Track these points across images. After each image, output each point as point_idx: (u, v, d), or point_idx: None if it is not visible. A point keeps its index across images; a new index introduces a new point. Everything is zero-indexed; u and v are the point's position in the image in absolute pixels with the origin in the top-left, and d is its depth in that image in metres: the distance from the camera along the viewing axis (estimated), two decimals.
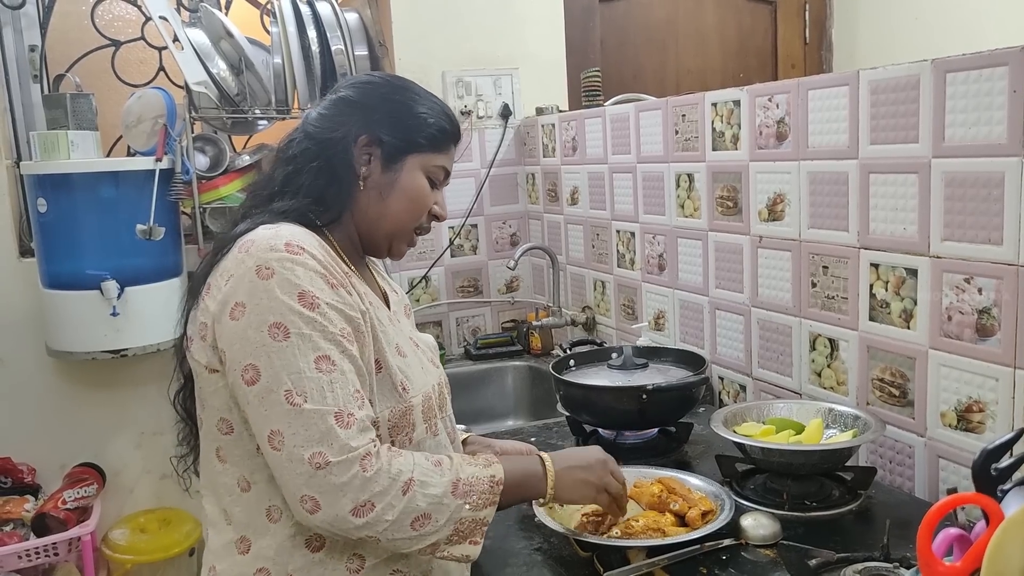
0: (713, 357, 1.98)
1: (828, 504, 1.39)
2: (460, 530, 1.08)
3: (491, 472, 1.13)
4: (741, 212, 1.83)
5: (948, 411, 1.40)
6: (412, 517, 1.04)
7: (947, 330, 1.39)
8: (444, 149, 1.22)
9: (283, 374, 1.02)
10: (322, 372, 1.03)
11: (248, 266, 1.06)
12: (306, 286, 1.05)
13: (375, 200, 1.19)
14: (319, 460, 1.00)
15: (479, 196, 2.77)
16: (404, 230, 1.23)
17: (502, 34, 2.75)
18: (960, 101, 1.32)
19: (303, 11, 2.25)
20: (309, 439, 1.01)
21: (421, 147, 1.19)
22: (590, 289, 2.54)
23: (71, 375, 2.40)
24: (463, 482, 1.09)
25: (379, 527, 1.03)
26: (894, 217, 1.46)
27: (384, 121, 1.19)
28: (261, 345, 1.03)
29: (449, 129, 1.22)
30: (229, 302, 1.06)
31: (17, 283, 2.33)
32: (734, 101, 1.81)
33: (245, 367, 1.04)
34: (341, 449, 1.01)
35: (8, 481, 2.35)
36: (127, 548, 2.35)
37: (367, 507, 1.02)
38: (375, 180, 1.19)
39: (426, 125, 1.19)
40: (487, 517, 1.10)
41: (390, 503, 1.03)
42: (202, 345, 1.10)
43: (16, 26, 2.44)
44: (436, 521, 1.06)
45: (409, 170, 1.19)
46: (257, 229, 1.11)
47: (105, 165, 2.18)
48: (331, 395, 1.03)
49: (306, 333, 1.03)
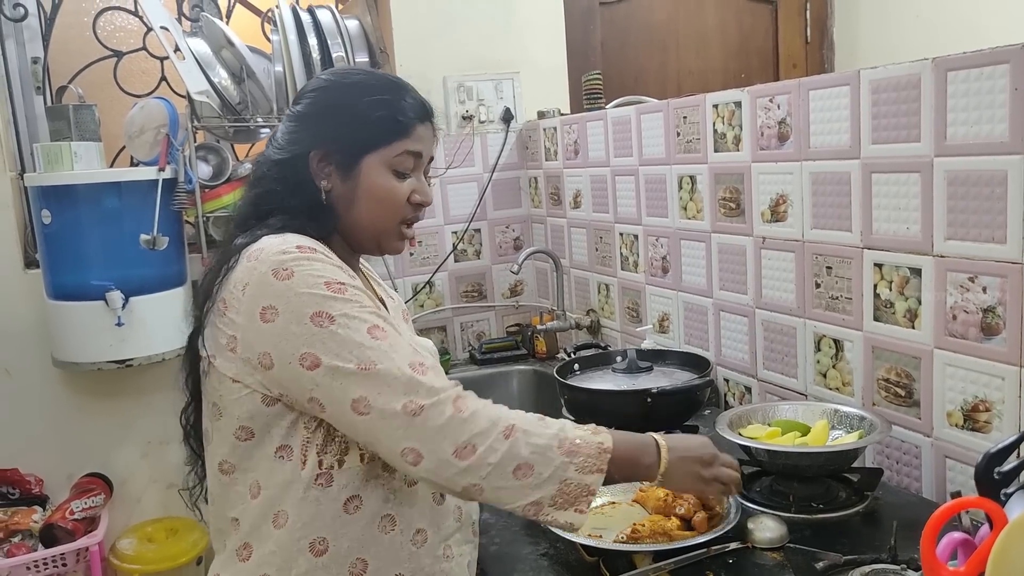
0: (718, 359, 1.97)
1: (835, 506, 1.38)
2: (565, 491, 1.04)
3: (599, 439, 1.08)
4: (744, 213, 1.83)
5: (954, 411, 1.40)
6: (515, 464, 1.02)
7: (952, 329, 1.38)
8: (403, 136, 1.16)
9: (344, 352, 1.03)
10: (378, 339, 1.04)
11: (262, 271, 1.06)
12: (329, 275, 1.07)
13: (345, 210, 1.18)
14: (412, 407, 1.01)
15: (482, 201, 2.77)
16: (385, 230, 1.20)
17: (503, 38, 2.75)
18: (961, 100, 1.31)
19: (304, 19, 2.26)
20: (395, 392, 1.01)
21: (374, 145, 1.16)
22: (594, 292, 2.53)
23: (77, 386, 2.40)
24: (569, 440, 1.05)
25: (482, 471, 1.01)
26: (897, 217, 1.46)
27: (330, 131, 1.17)
28: (311, 335, 1.03)
29: (403, 118, 1.16)
30: (255, 309, 1.06)
31: (22, 295, 2.34)
32: (735, 102, 1.81)
33: (302, 356, 1.04)
34: (429, 392, 1.02)
35: (16, 492, 2.35)
36: (135, 558, 2.35)
37: (468, 449, 1.00)
38: (338, 192, 1.18)
39: (372, 122, 1.15)
40: (593, 484, 1.05)
41: (491, 446, 1.01)
42: (231, 357, 1.09)
43: (19, 38, 2.45)
44: (539, 474, 1.02)
45: (368, 172, 1.16)
46: (261, 239, 1.12)
47: (108, 176, 2.18)
48: (396, 354, 1.04)
49: (348, 312, 1.05)
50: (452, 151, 2.70)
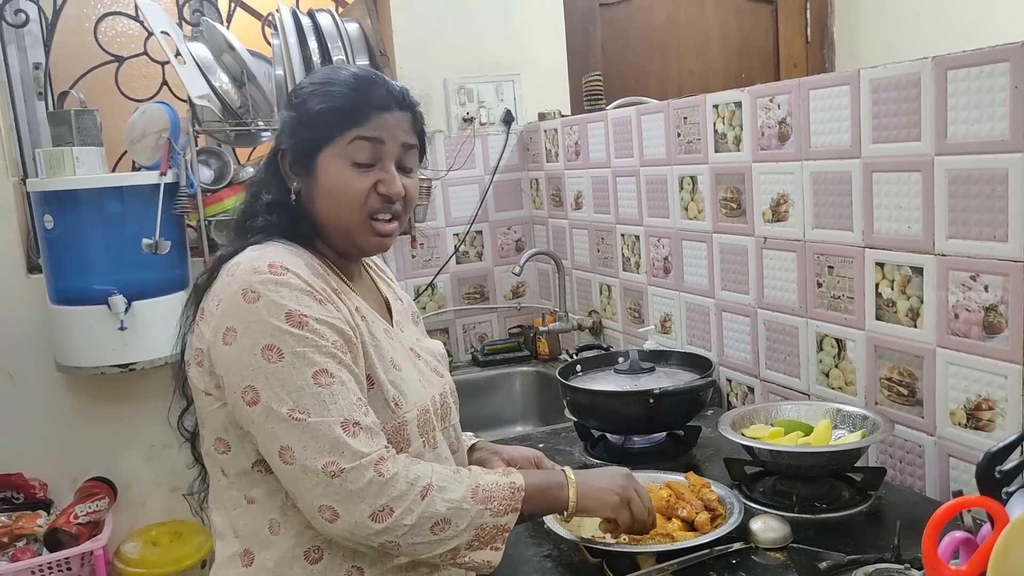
0: (720, 359, 1.97)
1: (838, 505, 1.38)
2: (481, 536, 1.07)
3: (511, 479, 1.12)
4: (745, 213, 1.83)
5: (957, 409, 1.39)
6: (432, 522, 1.04)
7: (954, 328, 1.38)
8: (351, 125, 1.12)
9: (283, 394, 1.02)
10: (321, 386, 1.03)
11: (234, 290, 1.06)
12: (292, 305, 1.05)
13: (313, 209, 1.17)
14: (333, 468, 1.00)
15: (483, 202, 2.77)
16: (352, 225, 1.15)
17: (503, 40, 2.75)
18: (962, 98, 1.31)
19: (304, 22, 2.26)
20: (320, 449, 1.01)
21: (323, 139, 1.13)
22: (596, 293, 2.53)
23: (81, 390, 2.41)
24: (482, 488, 1.09)
25: (398, 532, 1.02)
26: (898, 216, 1.46)
27: (287, 131, 1.17)
28: (257, 368, 1.03)
29: (344, 104, 1.12)
30: (221, 328, 1.06)
31: (26, 299, 2.34)
32: (735, 102, 1.81)
33: (244, 389, 1.04)
34: (353, 455, 1.01)
35: (20, 496, 2.36)
36: (139, 561, 2.36)
37: (385, 512, 1.02)
38: (305, 192, 1.17)
39: (316, 114, 1.13)
40: (508, 523, 1.09)
41: (408, 508, 1.03)
42: (199, 370, 1.11)
43: (20, 44, 2.46)
44: (456, 526, 1.05)
45: (323, 167, 1.14)
46: (244, 251, 1.12)
47: (110, 180, 2.19)
48: (334, 407, 1.03)
49: (299, 351, 1.03)
50: (453, 153, 2.71)
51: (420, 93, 2.65)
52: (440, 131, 2.71)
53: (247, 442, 1.10)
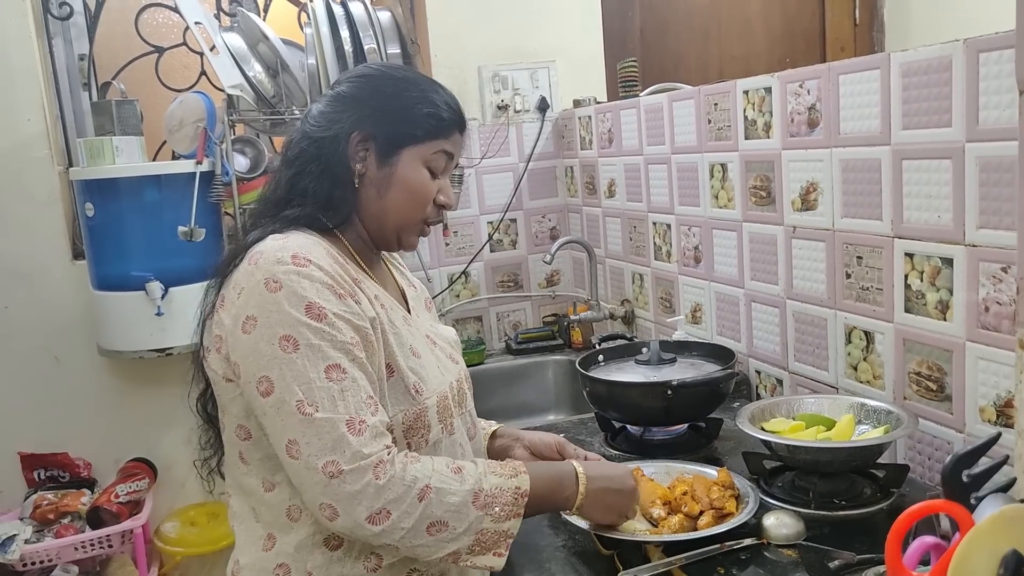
0: (749, 351, 1.94)
1: (859, 503, 1.34)
2: (482, 540, 1.08)
3: (516, 483, 1.11)
4: (774, 202, 1.78)
5: (987, 406, 1.34)
6: (428, 523, 1.04)
7: (984, 321, 1.33)
8: (443, 136, 1.19)
9: (294, 385, 1.03)
10: (332, 381, 1.04)
11: (257, 279, 1.07)
12: (313, 297, 1.06)
13: (375, 197, 1.18)
14: (332, 469, 1.02)
15: (517, 190, 2.76)
16: (409, 223, 1.21)
17: (538, 27, 2.73)
18: (994, 82, 1.26)
19: (336, 11, 2.27)
20: (322, 448, 1.02)
21: (416, 139, 1.17)
22: (629, 282, 2.51)
23: (122, 373, 2.48)
24: (485, 493, 1.08)
25: (396, 535, 1.03)
26: (928, 205, 1.41)
27: (376, 115, 1.17)
28: (273, 358, 1.04)
29: (447, 117, 1.19)
30: (241, 316, 1.07)
31: (71, 285, 2.41)
32: (765, 88, 1.77)
33: (259, 379, 1.05)
34: (353, 456, 1.02)
35: (66, 475, 2.44)
36: (178, 540, 2.42)
37: (383, 515, 1.02)
38: (371, 176, 1.18)
39: (421, 116, 1.17)
40: (511, 529, 1.09)
41: (406, 511, 1.03)
42: (218, 357, 1.12)
43: (66, 36, 2.52)
44: (454, 529, 1.06)
45: (406, 163, 1.18)
46: (266, 239, 1.12)
47: (147, 169, 2.23)
48: (342, 403, 1.04)
49: (315, 343, 1.04)
50: (487, 141, 2.70)
51: (454, 80, 2.66)
52: (474, 119, 2.70)
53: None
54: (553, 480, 1.18)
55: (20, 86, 2.33)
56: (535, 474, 1.15)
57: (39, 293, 2.41)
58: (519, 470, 1.14)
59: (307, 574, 1.11)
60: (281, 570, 1.12)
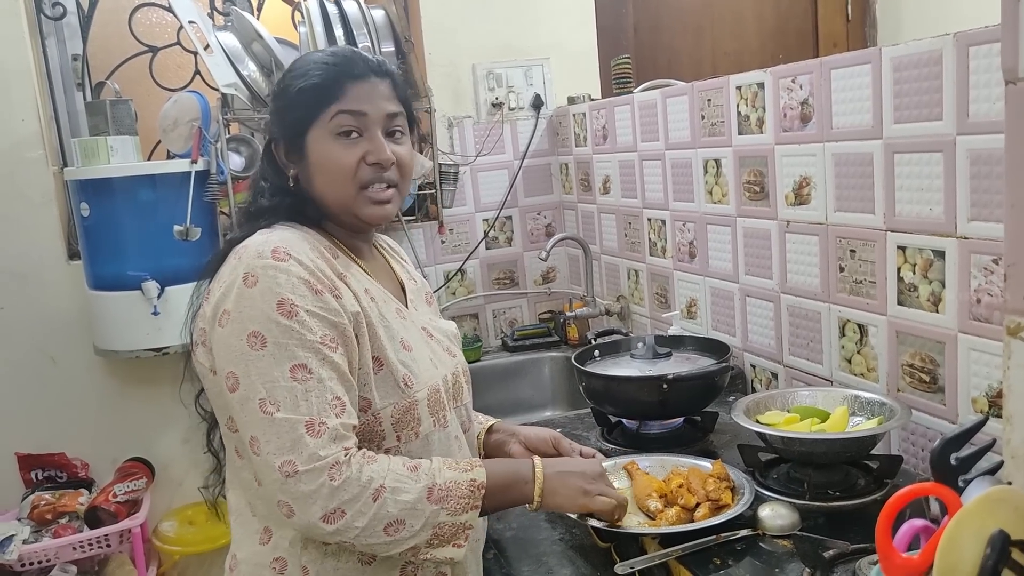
0: (745, 345, 1.95)
1: (853, 494, 1.35)
2: (440, 534, 1.08)
3: (471, 476, 1.11)
4: (768, 197, 1.80)
5: (979, 397, 1.35)
6: (384, 523, 1.05)
7: (976, 313, 1.34)
8: (330, 100, 1.14)
9: (258, 383, 1.04)
10: (297, 381, 1.04)
11: (238, 273, 1.08)
12: (286, 293, 1.06)
13: (311, 191, 1.19)
14: (288, 469, 1.02)
15: (513, 187, 2.77)
16: (348, 197, 1.17)
17: (532, 24, 2.74)
18: (983, 76, 1.27)
19: (330, 10, 2.28)
20: (280, 447, 1.03)
21: (308, 119, 1.16)
22: (624, 278, 2.52)
23: (118, 373, 2.48)
24: (439, 487, 1.08)
25: (350, 533, 1.04)
26: (919, 198, 1.42)
27: (275, 118, 1.21)
28: (241, 353, 1.05)
29: (320, 79, 1.14)
30: (219, 309, 1.09)
31: (66, 285, 2.42)
32: (758, 84, 1.78)
33: (227, 374, 1.07)
34: (310, 458, 1.03)
35: (63, 475, 2.45)
36: (176, 539, 2.43)
37: (337, 514, 1.03)
38: (301, 175, 1.20)
39: (296, 94, 1.16)
40: (469, 521, 1.10)
41: (360, 510, 1.04)
42: (203, 350, 1.13)
43: (59, 36, 2.52)
44: (411, 526, 1.06)
45: (312, 147, 1.17)
46: (253, 235, 1.14)
47: (142, 169, 2.24)
48: (304, 404, 1.04)
49: (282, 342, 1.05)
50: (482, 138, 2.71)
51: (448, 77, 2.67)
52: (469, 116, 2.71)
53: None
54: (509, 473, 1.18)
55: (14, 87, 2.33)
56: (492, 468, 1.15)
57: (35, 293, 2.41)
58: (475, 464, 1.14)
59: (303, 568, 1.12)
60: (278, 564, 1.13)
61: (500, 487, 1.15)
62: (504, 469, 1.19)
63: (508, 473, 1.18)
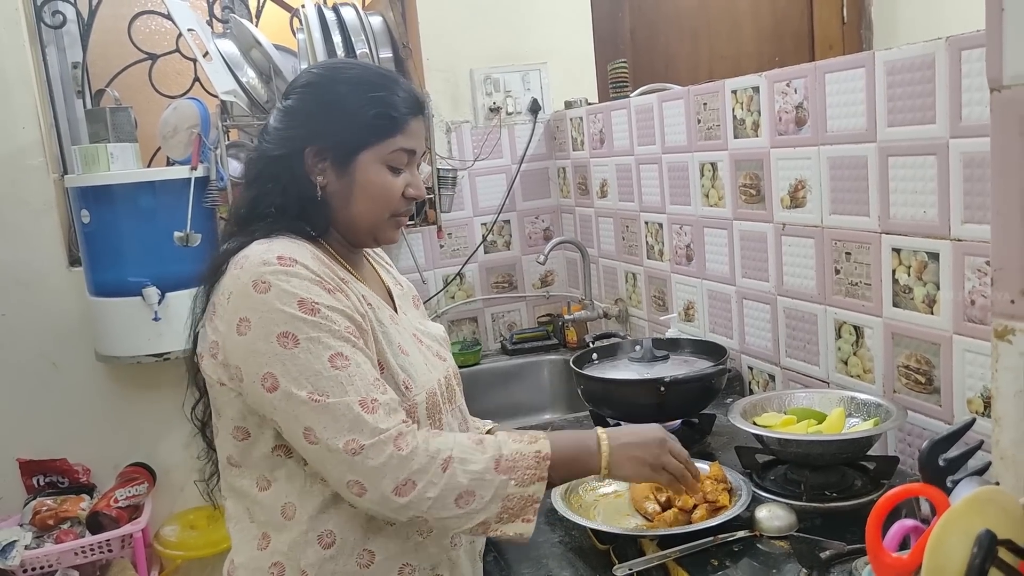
0: (742, 347, 1.96)
1: (849, 494, 1.36)
2: (508, 507, 1.08)
3: (536, 448, 1.11)
4: (764, 200, 1.81)
5: (974, 398, 1.37)
6: (455, 494, 1.05)
7: (970, 315, 1.35)
8: (396, 132, 1.17)
9: (301, 379, 1.05)
10: (338, 368, 1.06)
11: (244, 282, 1.08)
12: (303, 294, 1.07)
13: (341, 206, 1.19)
14: (354, 446, 1.03)
15: (511, 192, 2.78)
16: (380, 223, 1.21)
17: (529, 29, 2.75)
18: (976, 79, 1.28)
19: (328, 16, 2.29)
20: (340, 429, 1.04)
21: (368, 142, 1.16)
22: (622, 281, 2.53)
23: (119, 379, 2.49)
24: (505, 458, 1.09)
25: (423, 505, 1.04)
26: (914, 200, 1.43)
27: (324, 127, 1.16)
28: (273, 355, 1.06)
29: (398, 114, 1.17)
30: (234, 319, 1.08)
31: (67, 291, 2.43)
32: (753, 88, 1.79)
33: (263, 376, 1.06)
34: (372, 432, 1.04)
35: (65, 481, 2.45)
36: (178, 544, 2.44)
37: (408, 485, 1.04)
38: (334, 187, 1.18)
39: (370, 119, 1.16)
40: (536, 493, 1.09)
41: (431, 481, 1.04)
42: (213, 362, 1.13)
43: (59, 44, 2.54)
44: (481, 498, 1.06)
45: (363, 168, 1.17)
46: (251, 245, 1.13)
47: (142, 175, 2.25)
48: (351, 387, 1.06)
49: (314, 336, 1.06)
50: (480, 143, 2.72)
51: (446, 84, 2.68)
52: (467, 121, 2.73)
53: (266, 427, 1.13)
54: (574, 444, 1.17)
55: (14, 94, 2.34)
56: (557, 440, 1.14)
57: (36, 300, 2.42)
58: (539, 436, 1.14)
59: (301, 572, 1.13)
60: (276, 568, 1.14)
61: (566, 460, 1.14)
62: (568, 442, 1.17)
63: (573, 445, 1.17)
